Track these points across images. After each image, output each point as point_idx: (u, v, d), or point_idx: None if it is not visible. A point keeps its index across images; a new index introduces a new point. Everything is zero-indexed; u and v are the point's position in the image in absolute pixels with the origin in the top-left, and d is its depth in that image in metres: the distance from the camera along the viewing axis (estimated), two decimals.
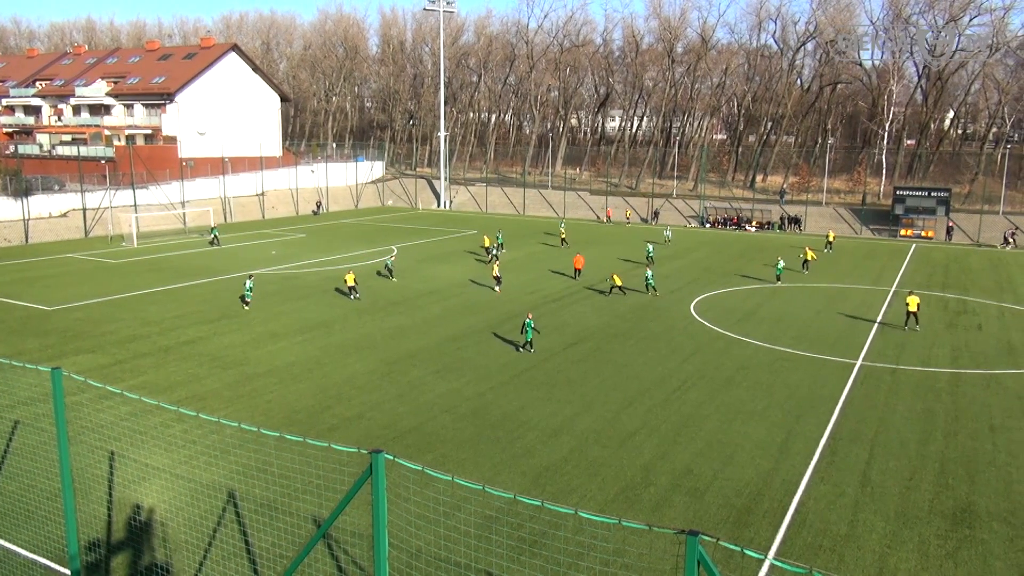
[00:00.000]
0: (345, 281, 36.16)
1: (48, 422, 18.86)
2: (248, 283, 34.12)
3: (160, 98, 77.32)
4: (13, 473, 16.62)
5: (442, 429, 19.79)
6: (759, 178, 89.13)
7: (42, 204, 57.82)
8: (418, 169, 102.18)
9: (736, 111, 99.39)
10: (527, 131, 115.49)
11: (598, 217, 74.44)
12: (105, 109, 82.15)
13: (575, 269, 41.43)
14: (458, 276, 41.65)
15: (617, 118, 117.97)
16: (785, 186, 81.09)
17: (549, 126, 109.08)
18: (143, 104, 79.69)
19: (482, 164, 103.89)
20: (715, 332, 30.28)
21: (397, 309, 33.73)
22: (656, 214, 72.94)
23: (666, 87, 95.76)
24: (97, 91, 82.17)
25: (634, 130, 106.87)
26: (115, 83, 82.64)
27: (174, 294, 36.59)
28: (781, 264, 41.73)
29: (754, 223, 68.93)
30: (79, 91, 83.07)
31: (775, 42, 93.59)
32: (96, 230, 57.93)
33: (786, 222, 68.28)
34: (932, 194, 64.20)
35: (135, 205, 60.09)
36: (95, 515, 14.90)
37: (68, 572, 11.37)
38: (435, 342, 28.08)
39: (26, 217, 54.95)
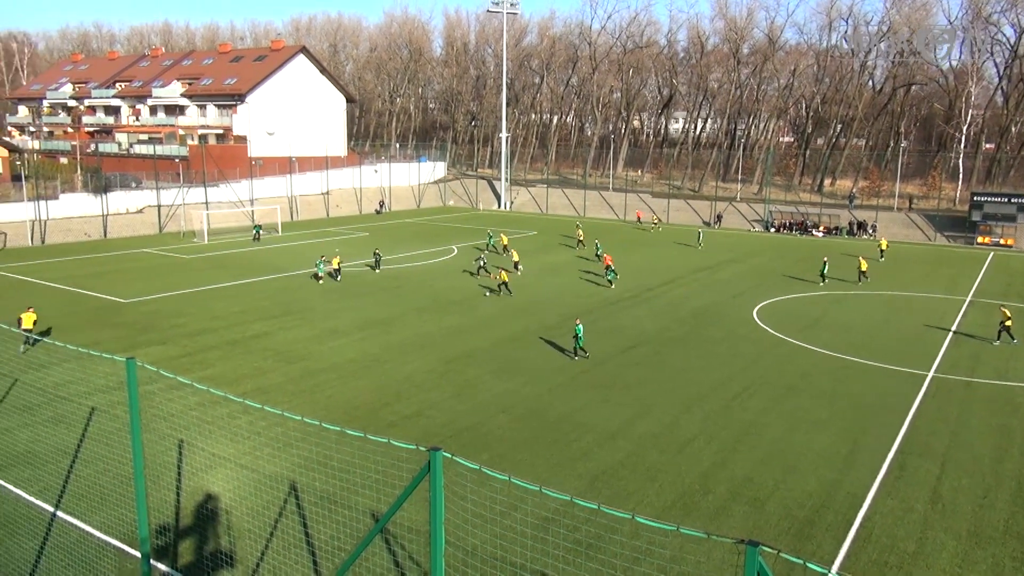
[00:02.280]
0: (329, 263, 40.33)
1: (122, 410, 19.64)
2: (319, 262, 39.30)
3: (231, 99, 79.60)
4: (89, 458, 17.34)
5: (499, 429, 19.86)
6: (827, 182, 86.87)
7: (120, 200, 60.16)
8: (479, 170, 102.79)
9: (804, 113, 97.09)
10: (588, 133, 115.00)
11: (659, 219, 73.70)
12: (180, 109, 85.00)
13: (606, 267, 40.98)
14: (517, 277, 41.69)
15: (680, 120, 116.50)
16: (855, 190, 78.86)
17: (611, 128, 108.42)
18: (215, 105, 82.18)
19: (543, 165, 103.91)
20: (777, 338, 29.63)
21: (455, 309, 33.98)
22: (719, 218, 71.77)
23: (731, 89, 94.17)
24: (172, 92, 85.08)
25: (698, 132, 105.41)
26: (189, 84, 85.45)
27: (241, 290, 37.62)
28: (826, 265, 41.61)
29: (821, 228, 67.23)
30: (156, 92, 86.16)
31: (846, 42, 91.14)
32: (169, 226, 59.96)
33: (855, 227, 66.40)
34: (1012, 200, 61.51)
35: (206, 203, 62.01)
36: (164, 500, 15.44)
37: (139, 555, 11.82)
38: (492, 342, 28.19)
39: (105, 213, 57.26)
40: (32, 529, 14.39)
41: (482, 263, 39.96)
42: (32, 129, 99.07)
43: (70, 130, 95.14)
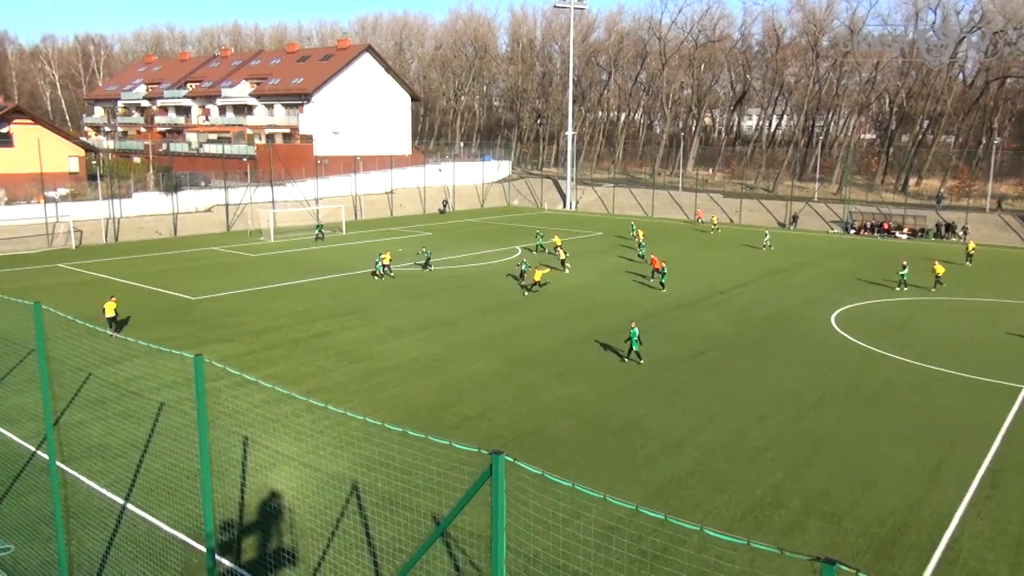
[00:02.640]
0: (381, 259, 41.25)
1: (189, 406, 20.31)
2: (378, 259, 40.88)
3: (298, 98, 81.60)
4: (158, 452, 17.99)
5: (562, 433, 19.79)
6: (912, 181, 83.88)
7: (190, 199, 62.34)
8: (544, 169, 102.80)
9: (888, 108, 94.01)
10: (657, 130, 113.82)
11: (731, 220, 72.37)
12: (248, 109, 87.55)
13: (653, 269, 40.61)
14: (581, 278, 41.55)
15: (754, 117, 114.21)
16: (942, 190, 75.93)
17: (681, 125, 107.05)
18: (282, 104, 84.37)
19: (610, 164, 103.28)
20: (858, 346, 28.74)
21: (518, 309, 34.04)
22: (795, 219, 70.05)
23: (809, 83, 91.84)
24: (241, 92, 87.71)
25: (772, 129, 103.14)
26: (257, 84, 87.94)
27: (305, 288, 38.48)
28: (906, 269, 39.93)
29: (906, 230, 64.92)
30: (225, 92, 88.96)
31: (934, 33, 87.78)
32: (237, 225, 61.80)
33: (943, 229, 63.89)
34: None
35: (272, 201, 63.70)
36: (229, 497, 15.89)
37: (204, 549, 12.20)
38: (556, 344, 28.13)
39: (175, 211, 59.41)
40: (103, 520, 15.00)
41: (524, 267, 39.95)
42: (107, 129, 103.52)
43: (143, 130, 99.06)
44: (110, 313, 29.02)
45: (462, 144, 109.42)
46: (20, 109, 64.83)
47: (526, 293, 37.13)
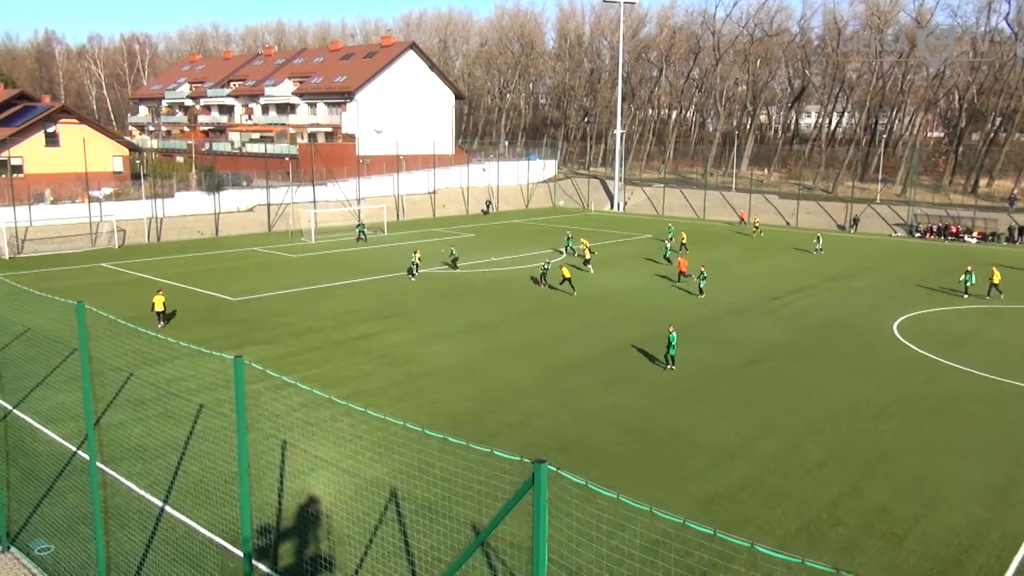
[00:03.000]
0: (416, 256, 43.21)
1: (228, 408, 20.69)
2: (413, 257, 42.32)
3: (341, 97, 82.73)
4: (196, 454, 18.36)
5: (607, 443, 19.69)
6: (983, 182, 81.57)
7: (231, 199, 63.64)
8: (591, 169, 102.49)
9: (957, 105, 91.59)
10: (710, 128, 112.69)
11: (787, 222, 71.24)
12: (291, 108, 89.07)
13: (679, 272, 41.37)
14: (628, 282, 41.33)
15: (813, 114, 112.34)
16: (1016, 192, 73.67)
17: (735, 123, 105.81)
18: (325, 103, 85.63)
19: (660, 164, 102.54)
20: (922, 356, 28.03)
21: (562, 314, 33.98)
22: (855, 221, 68.66)
23: (872, 79, 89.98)
24: (284, 91, 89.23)
25: (832, 127, 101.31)
26: (300, 83, 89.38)
27: (346, 290, 38.95)
28: (971, 277, 38.75)
29: (976, 233, 63.14)
30: (268, 91, 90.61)
31: (1008, 25, 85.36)
32: (278, 225, 62.86)
33: (1016, 233, 61.99)
34: None
35: (314, 201, 64.65)
36: (267, 501, 16.14)
37: (241, 554, 12.40)
38: (601, 350, 28.00)
39: (217, 211, 60.68)
40: (141, 522, 15.37)
41: (546, 268, 39.96)
42: (151, 128, 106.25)
43: (186, 129, 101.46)
44: (159, 307, 30.71)
45: (507, 143, 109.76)
46: (66, 109, 66.97)
47: (543, 287, 38.44)
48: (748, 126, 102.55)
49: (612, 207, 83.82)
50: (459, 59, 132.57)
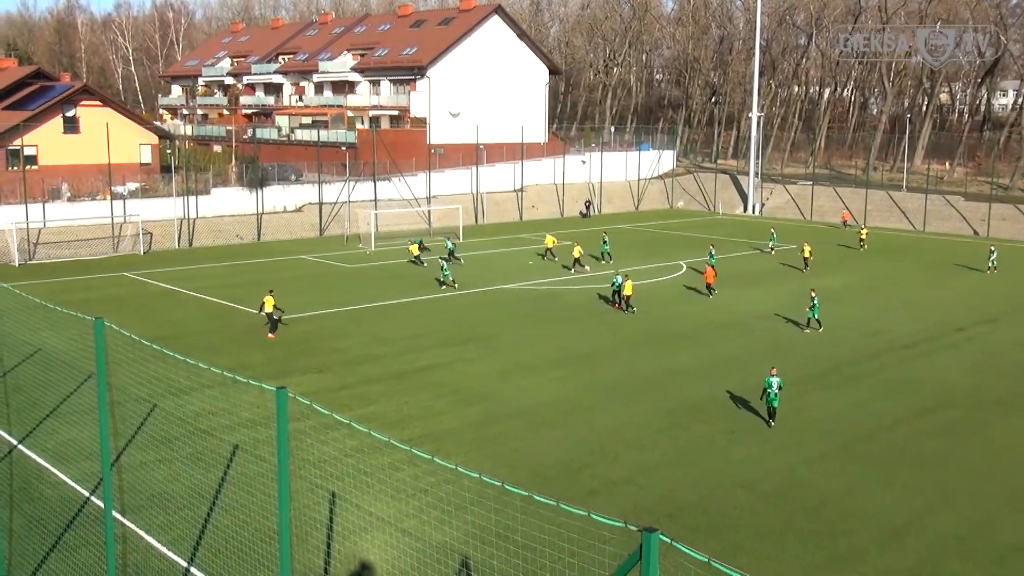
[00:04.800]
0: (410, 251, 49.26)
1: (268, 450, 21.19)
2: (444, 264, 44.40)
3: (409, 72, 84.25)
4: (228, 505, 18.85)
5: (735, 510, 19.32)
6: None
7: (276, 196, 65.56)
8: (719, 161, 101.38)
9: None
10: (874, 110, 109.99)
11: (975, 231, 68.69)
12: (349, 86, 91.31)
13: (707, 284, 42.92)
14: (765, 305, 40.60)
15: (1010, 92, 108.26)
16: None
17: (907, 104, 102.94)
18: (390, 80, 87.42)
19: (807, 156, 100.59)
20: None
21: (682, 344, 33.58)
22: None
23: None
24: (342, 66, 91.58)
25: None
26: (361, 56, 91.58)
27: (413, 309, 39.50)
28: None
29: None
30: (322, 66, 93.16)
31: None
32: (331, 228, 64.37)
33: None
34: None
35: (375, 200, 65.96)
36: (311, 566, 16.42)
37: None
38: (731, 390, 27.52)
39: (260, 211, 62.60)
40: None
41: (617, 283, 39.67)
42: (185, 112, 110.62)
43: (226, 112, 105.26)
44: (269, 308, 33.94)
45: (612, 129, 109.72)
46: (88, 89, 70.44)
47: (628, 310, 38.58)
48: (924, 108, 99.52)
49: (746, 210, 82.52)
50: (555, 25, 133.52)
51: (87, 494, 19.45)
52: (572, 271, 48.95)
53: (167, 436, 23.01)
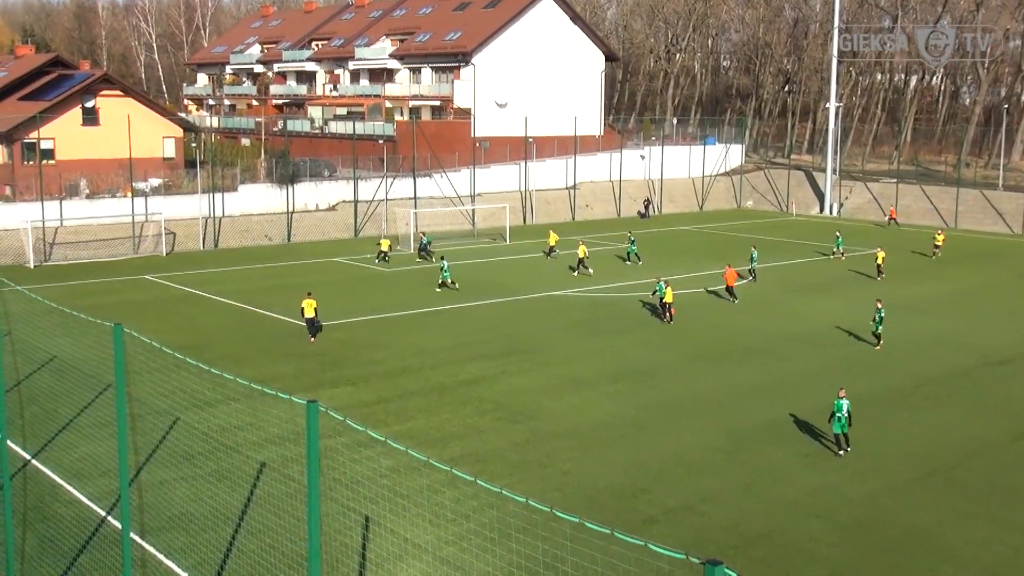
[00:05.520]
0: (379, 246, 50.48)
1: (297, 469, 21.36)
2: (444, 263, 45.05)
3: (453, 59, 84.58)
4: (254, 528, 19.03)
5: (810, 542, 19.14)
6: None
7: (308, 194, 66.10)
8: (793, 157, 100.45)
9: None
10: (966, 100, 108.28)
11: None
12: (387, 75, 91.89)
13: (727, 286, 43.21)
14: (844, 316, 40.11)
15: None
16: None
17: (1004, 93, 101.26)
18: (432, 68, 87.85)
19: (891, 151, 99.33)
20: None
21: (752, 358, 33.33)
22: None
23: None
24: (380, 52, 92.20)
25: None
26: (401, 41, 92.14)
27: (456, 317, 39.64)
28: None
29: None
30: (359, 52, 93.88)
31: None
32: (367, 228, 64.79)
33: None
34: None
35: (415, 198, 66.28)
36: None
37: None
38: (806, 410, 27.25)
39: (290, 210, 63.19)
40: None
41: (659, 290, 39.24)
42: (212, 103, 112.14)
43: (255, 103, 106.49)
44: (309, 313, 34.62)
45: (675, 121, 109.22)
46: (109, 78, 71.76)
47: (666, 320, 38.66)
48: (1023, 98, 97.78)
49: (823, 210, 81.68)
50: (612, 7, 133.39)
51: (104, 514, 19.74)
52: (575, 273, 49.82)
53: (190, 452, 23.29)
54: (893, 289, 45.82)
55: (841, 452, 24.14)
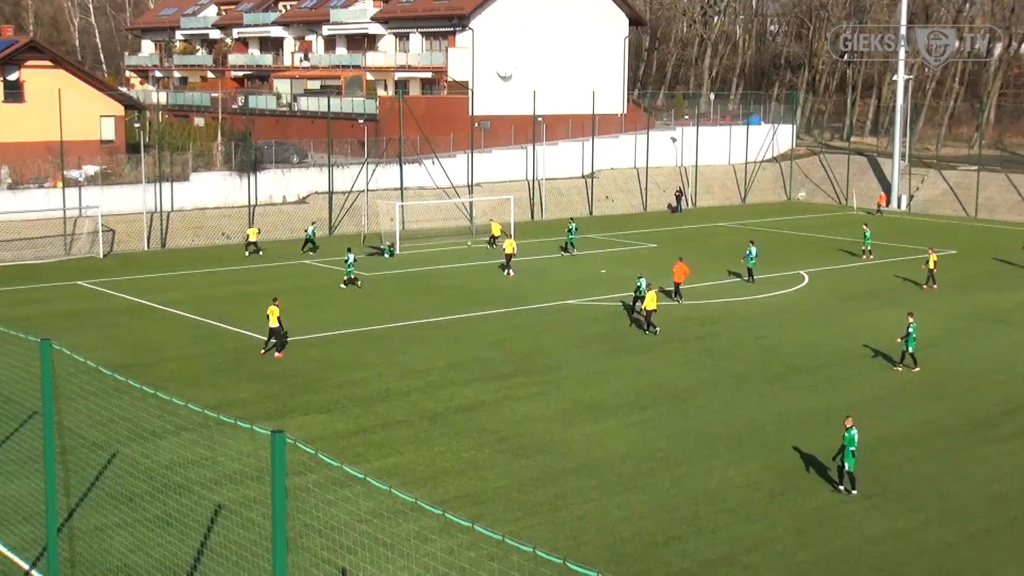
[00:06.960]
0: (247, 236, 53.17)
1: (260, 512, 21.26)
2: (349, 257, 47.15)
3: (447, 23, 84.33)
4: None
5: None
6: None
7: (274, 184, 65.94)
8: (854, 139, 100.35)
9: None
10: None
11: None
12: (369, 42, 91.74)
13: (675, 284, 44.76)
14: (923, 331, 39.97)
15: None
16: None
17: None
18: (422, 33, 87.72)
19: (972, 132, 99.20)
20: None
21: (801, 379, 33.29)
22: None
23: None
24: (360, 15, 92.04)
25: None
26: (385, 2, 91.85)
27: (450, 330, 39.57)
28: None
29: None
30: (335, 15, 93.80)
31: None
32: (343, 225, 64.65)
33: None
34: None
35: (401, 189, 66.16)
36: None
37: None
38: (867, 443, 27.11)
39: (252, 203, 63.04)
40: None
41: (641, 288, 39.54)
42: (159, 75, 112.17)
43: (211, 75, 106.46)
44: (273, 322, 34.75)
45: (712, 97, 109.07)
46: (36, 45, 71.54)
47: (650, 329, 38.92)
48: None
49: (889, 203, 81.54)
50: None
51: (27, 567, 19.64)
52: (490, 247, 57.48)
53: (131, 493, 23.16)
54: (976, 297, 45.77)
55: (841, 489, 24.16)
